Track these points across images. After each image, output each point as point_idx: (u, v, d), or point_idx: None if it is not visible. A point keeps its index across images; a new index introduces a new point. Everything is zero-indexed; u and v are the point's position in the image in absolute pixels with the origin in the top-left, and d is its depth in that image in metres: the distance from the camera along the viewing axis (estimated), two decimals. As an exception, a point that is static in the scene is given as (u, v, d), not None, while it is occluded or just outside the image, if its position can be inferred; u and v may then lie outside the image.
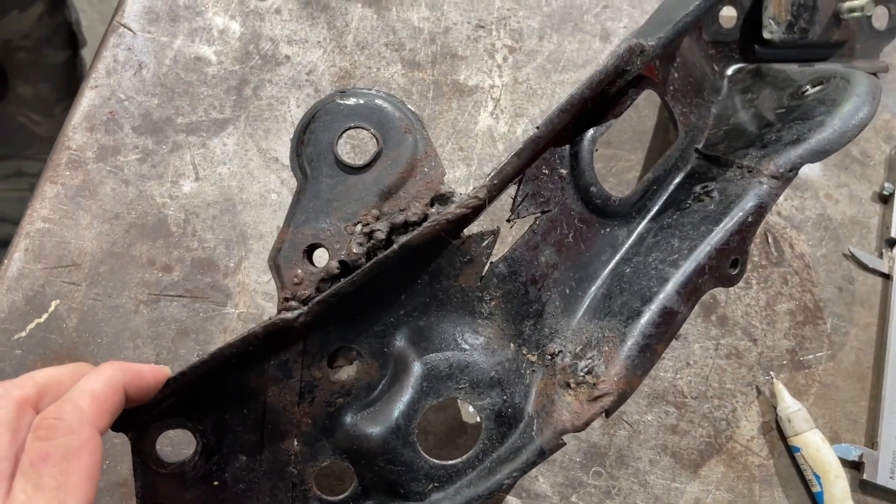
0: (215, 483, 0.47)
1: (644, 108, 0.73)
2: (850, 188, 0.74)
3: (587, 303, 0.54)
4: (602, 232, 0.56)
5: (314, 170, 0.46)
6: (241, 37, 0.68)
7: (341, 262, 0.46)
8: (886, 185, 0.74)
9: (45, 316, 0.58)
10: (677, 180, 0.61)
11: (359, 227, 0.46)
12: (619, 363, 0.48)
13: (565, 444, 0.47)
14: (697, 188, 0.58)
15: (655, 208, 0.59)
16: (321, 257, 0.46)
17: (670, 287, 0.50)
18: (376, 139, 0.46)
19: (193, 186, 0.63)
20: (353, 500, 0.49)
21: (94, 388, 0.36)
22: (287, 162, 0.65)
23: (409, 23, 0.72)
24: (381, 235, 0.45)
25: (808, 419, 0.63)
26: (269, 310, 0.61)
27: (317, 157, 0.46)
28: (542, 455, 0.48)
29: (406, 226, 0.46)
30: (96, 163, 0.62)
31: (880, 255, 0.71)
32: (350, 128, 0.46)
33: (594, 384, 0.48)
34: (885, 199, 0.74)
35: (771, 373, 0.66)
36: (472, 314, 0.50)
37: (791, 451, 0.63)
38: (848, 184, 0.74)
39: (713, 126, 0.67)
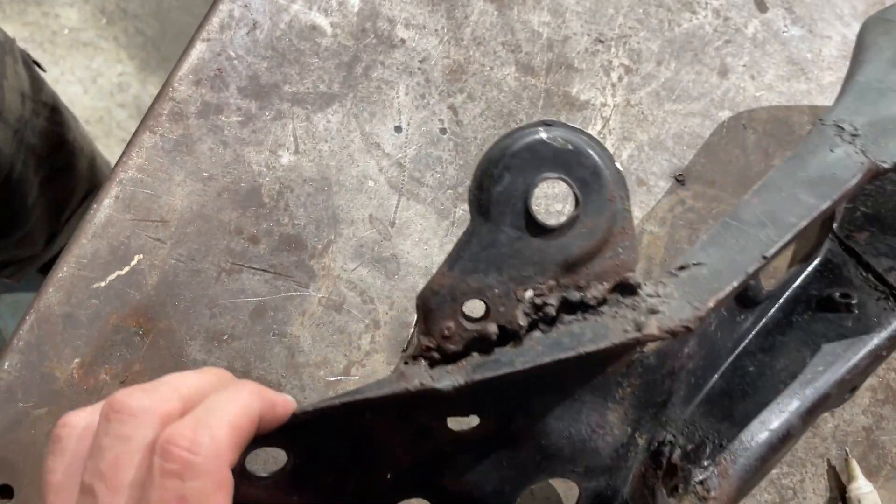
0: (295, 498, 0.44)
1: (752, 153, 0.71)
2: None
3: (704, 392, 0.51)
4: (737, 320, 0.54)
5: (498, 214, 0.39)
6: (359, 12, 0.66)
7: (501, 329, 0.41)
8: None
9: (126, 269, 0.56)
10: (810, 269, 0.58)
11: (529, 293, 0.41)
12: (733, 482, 0.46)
13: None
14: (837, 295, 0.54)
15: (784, 296, 0.56)
16: (475, 308, 0.42)
17: (795, 409, 0.48)
18: (576, 200, 0.40)
19: (292, 159, 0.61)
20: None
21: (233, 416, 0.32)
22: (389, 150, 0.62)
23: (529, 25, 0.69)
24: (551, 311, 0.41)
25: (878, 503, 0.61)
26: (351, 300, 0.59)
27: (505, 200, 0.39)
28: None
29: (580, 307, 0.43)
30: (198, 119, 0.60)
31: (970, 345, 0.69)
32: (552, 178, 0.39)
33: (704, 498, 0.46)
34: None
35: (846, 448, 0.64)
36: (605, 397, 0.46)
37: (855, 533, 0.61)
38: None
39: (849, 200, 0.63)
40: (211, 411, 0.32)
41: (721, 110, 0.71)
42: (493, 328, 0.40)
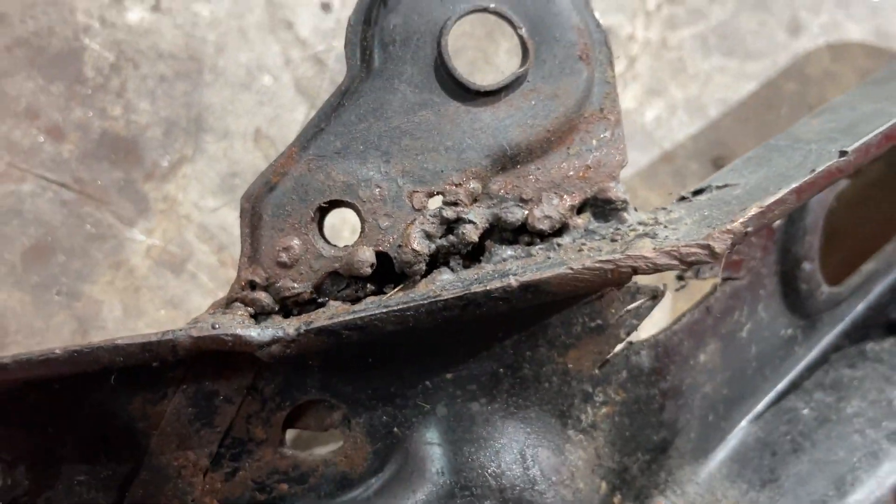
0: None
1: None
2: None
3: (731, 443, 0.36)
4: (782, 333, 0.35)
5: (390, 62, 0.25)
6: None
7: (380, 255, 0.26)
8: None
9: None
10: (890, 279, 0.39)
11: (437, 200, 0.26)
12: None
13: None
14: None
15: (851, 314, 0.38)
16: (345, 223, 0.25)
17: (886, 476, 0.31)
18: (523, 48, 0.26)
19: (146, 18, 0.38)
20: None
21: None
22: (306, 36, 0.40)
23: None
24: (470, 235, 0.25)
25: None
26: (201, 258, 0.37)
27: (403, 41, 0.25)
28: None
29: (522, 233, 0.24)
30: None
31: None
32: (484, 10, 0.25)
33: None
34: None
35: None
36: (564, 418, 0.30)
37: None
38: None
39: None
40: None
41: (787, 81, 0.52)
42: (366, 255, 0.24)
